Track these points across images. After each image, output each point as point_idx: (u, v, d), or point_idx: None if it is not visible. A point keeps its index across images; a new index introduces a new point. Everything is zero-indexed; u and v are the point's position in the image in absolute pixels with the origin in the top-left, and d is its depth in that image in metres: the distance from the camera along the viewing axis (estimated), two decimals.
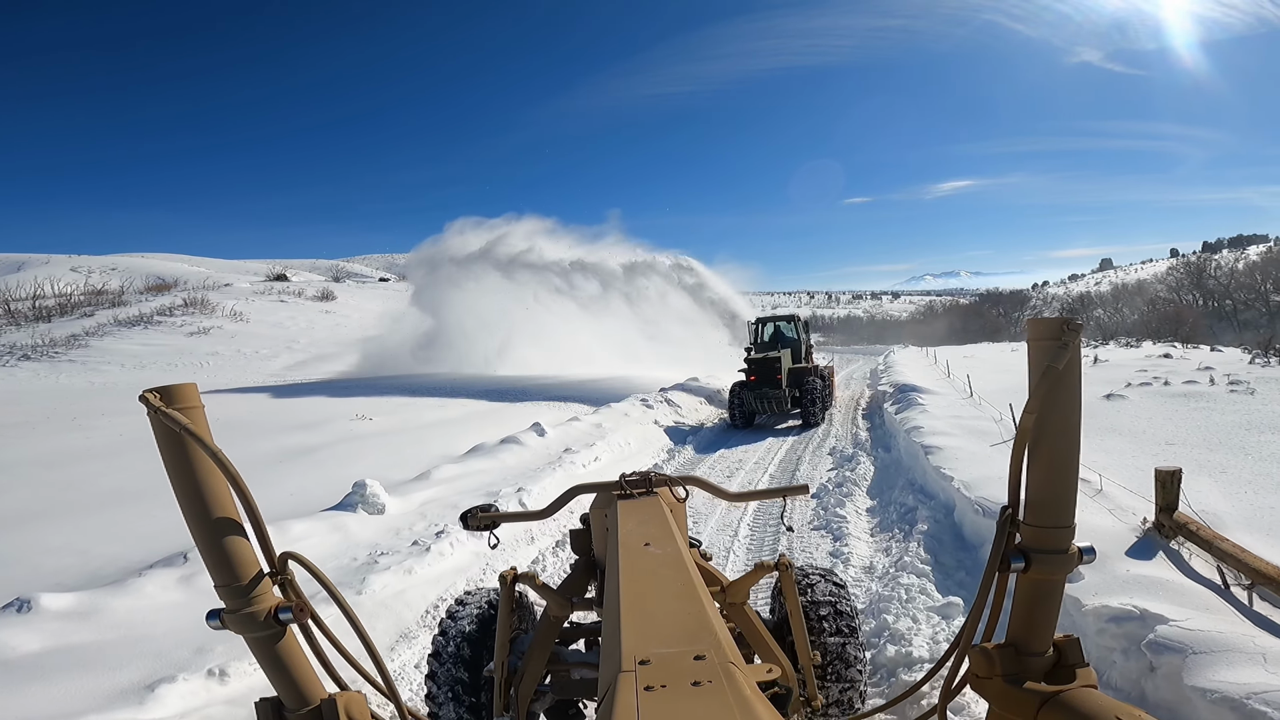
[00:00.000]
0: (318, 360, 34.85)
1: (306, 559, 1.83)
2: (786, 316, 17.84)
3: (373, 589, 5.34)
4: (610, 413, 13.43)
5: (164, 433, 1.66)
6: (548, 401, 17.80)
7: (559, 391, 19.57)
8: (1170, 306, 58.07)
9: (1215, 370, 15.05)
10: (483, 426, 13.20)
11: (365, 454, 10.57)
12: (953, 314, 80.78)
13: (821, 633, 3.17)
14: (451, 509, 7.46)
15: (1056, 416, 1.61)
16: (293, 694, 1.78)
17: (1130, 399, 11.30)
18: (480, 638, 3.23)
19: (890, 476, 9.25)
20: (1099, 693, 1.55)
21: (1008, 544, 1.70)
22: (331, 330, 42.41)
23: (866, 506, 8.23)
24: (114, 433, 13.77)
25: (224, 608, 1.73)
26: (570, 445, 10.63)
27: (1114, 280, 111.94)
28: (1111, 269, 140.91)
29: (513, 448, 10.29)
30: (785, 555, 3.08)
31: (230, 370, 32.05)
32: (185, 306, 42.19)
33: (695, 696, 1.14)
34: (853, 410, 16.44)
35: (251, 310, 43.14)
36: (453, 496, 7.87)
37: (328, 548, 6.31)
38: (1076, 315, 3.02)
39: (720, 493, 3.00)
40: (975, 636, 1.82)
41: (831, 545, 6.91)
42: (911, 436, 9.08)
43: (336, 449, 10.93)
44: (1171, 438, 8.45)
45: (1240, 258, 73.04)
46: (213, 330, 38.65)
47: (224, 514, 1.69)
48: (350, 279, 72.02)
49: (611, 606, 1.66)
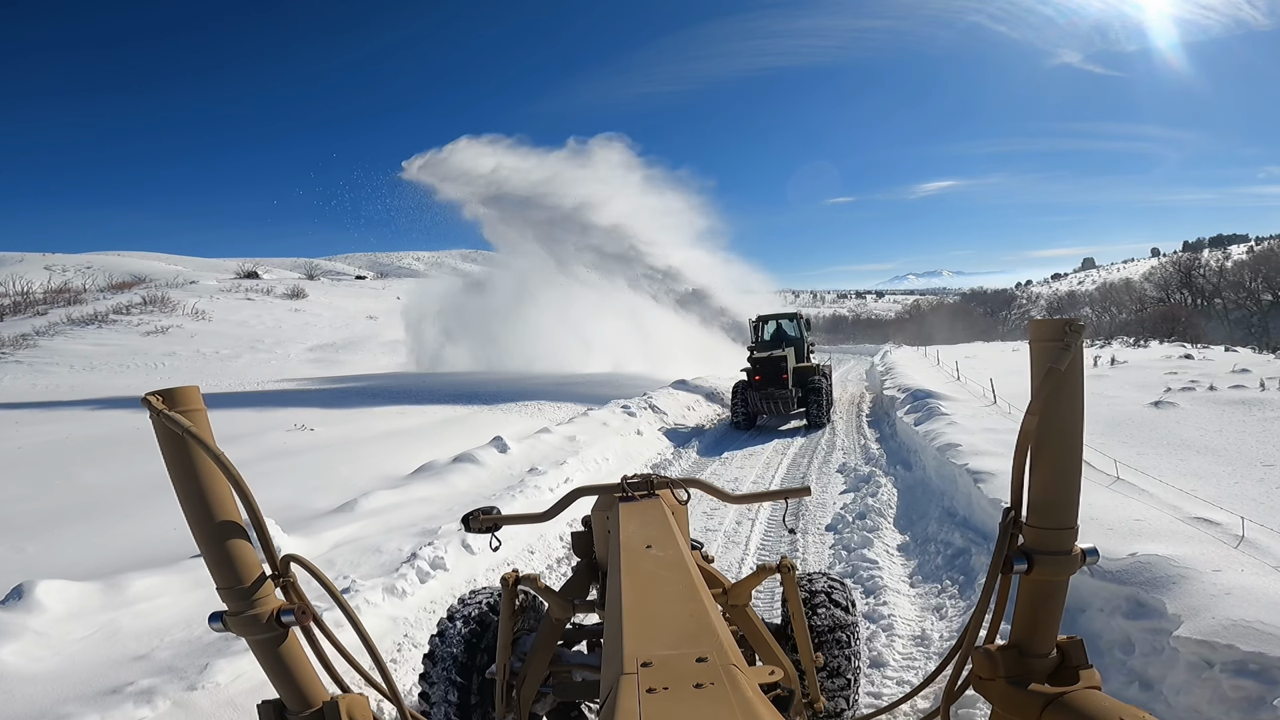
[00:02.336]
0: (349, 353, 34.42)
1: (309, 562, 1.77)
2: (789, 314, 17.07)
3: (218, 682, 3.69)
4: (587, 422, 11.78)
5: (166, 435, 1.61)
6: (534, 402, 16.31)
7: (553, 391, 18.30)
8: (1161, 305, 57.44)
9: (1252, 372, 13.76)
10: (443, 438, 11.55)
11: (286, 476, 8.87)
12: (940, 313, 79.79)
13: (823, 634, 3.22)
14: (371, 553, 5.84)
15: (1059, 418, 1.57)
16: (295, 696, 1.75)
17: (1182, 406, 9.86)
18: (479, 639, 3.21)
19: (919, 503, 7.72)
20: (1103, 694, 1.51)
21: (1010, 545, 1.65)
22: (300, 329, 40.49)
23: (897, 544, 6.69)
24: (13, 445, 11.98)
25: (226, 610, 1.68)
26: (536, 464, 8.98)
27: (1097, 279, 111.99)
28: (1094, 268, 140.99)
29: (467, 468, 8.63)
30: (787, 557, 3.04)
31: (186, 372, 30.20)
32: (144, 305, 40.32)
33: (697, 699, 1.13)
34: (854, 417, 14.94)
35: (214, 309, 41.19)
36: (376, 536, 6.21)
37: (179, 610, 4.67)
38: (1076, 316, 2.78)
39: (722, 495, 2.94)
40: (978, 638, 1.75)
41: (863, 603, 5.32)
42: (948, 457, 7.54)
43: (252, 469, 9.20)
44: (1266, 456, 6.98)
45: (1224, 257, 72.71)
46: (171, 330, 36.73)
47: (226, 516, 1.66)
48: (325, 276, 69.58)
49: (613, 608, 1.65)
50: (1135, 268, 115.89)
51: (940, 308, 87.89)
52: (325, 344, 37.41)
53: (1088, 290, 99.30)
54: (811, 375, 14.29)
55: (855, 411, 15.71)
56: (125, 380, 26.31)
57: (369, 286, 63.33)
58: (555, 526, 6.91)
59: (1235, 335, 48.09)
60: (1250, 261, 62.06)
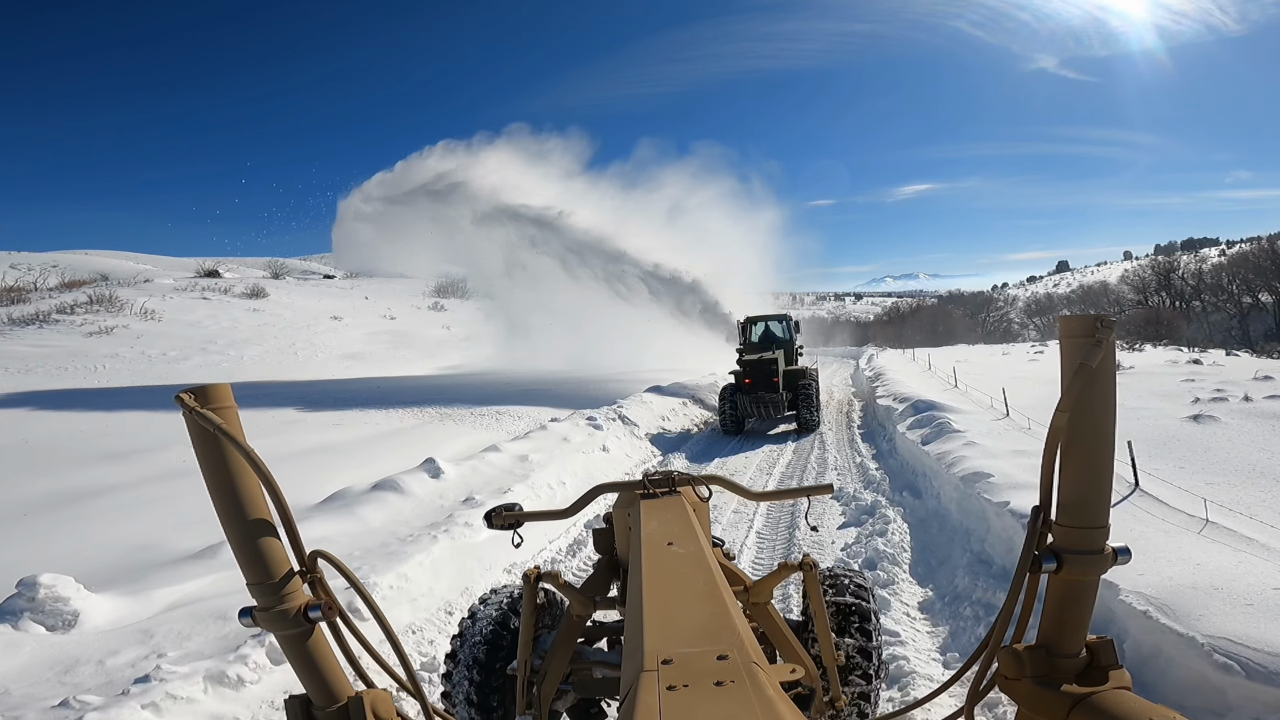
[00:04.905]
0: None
1: (336, 558, 1.71)
2: (778, 315, 16.60)
3: None
4: (544, 437, 10.23)
5: (198, 433, 1.60)
6: (504, 406, 14.78)
7: (534, 394, 16.97)
8: (1141, 308, 57.14)
9: (1275, 379, 12.63)
10: (376, 456, 9.96)
11: (161, 505, 7.22)
12: (920, 316, 79.02)
13: (844, 633, 3.17)
14: (212, 622, 4.33)
15: (1090, 415, 1.49)
16: (321, 691, 1.72)
17: (1225, 421, 8.58)
18: (500, 636, 3.23)
19: (936, 543, 6.31)
20: (1133, 695, 1.43)
21: (1039, 544, 1.57)
22: (257, 330, 38.35)
23: (919, 601, 5.28)
24: None
25: (255, 605, 1.66)
26: (475, 491, 7.43)
27: (1072, 282, 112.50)
28: (1069, 271, 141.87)
29: (387, 498, 7.07)
30: (809, 554, 2.95)
31: (128, 374, 28.06)
32: (90, 304, 38.00)
33: (718, 696, 1.12)
34: (844, 428, 13.57)
35: (166, 308, 38.84)
36: (233, 595, 4.63)
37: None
38: (1109, 313, 2.30)
39: (743, 492, 2.86)
40: (1004, 638, 1.64)
41: (884, 698, 3.88)
42: (977, 490, 6.13)
43: (124, 496, 7.58)
44: None
45: (1199, 260, 72.89)
46: (117, 330, 34.42)
47: (257, 514, 1.65)
48: (291, 275, 67.11)
49: (634, 605, 1.66)
50: (1109, 270, 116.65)
51: (920, 310, 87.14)
52: (283, 346, 35.45)
53: (1064, 293, 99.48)
54: (801, 378, 13.89)
55: (845, 422, 14.33)
56: (65, 382, 24.28)
57: (337, 286, 61.03)
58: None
59: (1215, 338, 47.75)
60: (1228, 265, 61.94)
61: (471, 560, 6.06)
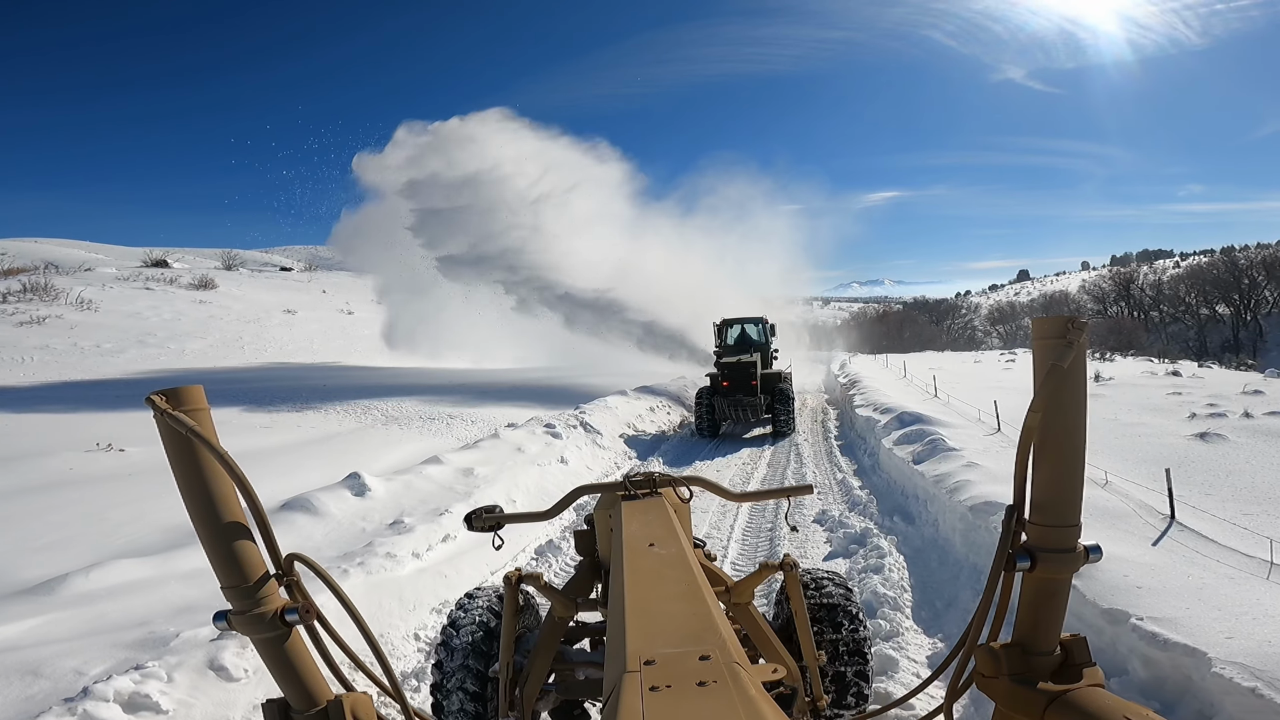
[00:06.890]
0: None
1: (313, 560, 1.68)
2: (754, 318, 16.20)
3: None
4: (495, 447, 9.17)
5: (170, 435, 1.56)
6: (460, 409, 13.71)
7: (501, 393, 16.17)
8: (1101, 317, 57.97)
9: (1266, 393, 12.20)
10: (303, 466, 8.83)
11: (30, 522, 6.03)
12: (887, 321, 79.31)
13: (825, 634, 3.14)
14: (20, 678, 3.21)
15: (1063, 415, 1.51)
16: (299, 695, 1.69)
17: (1233, 440, 7.95)
18: (483, 638, 3.13)
19: (939, 579, 5.47)
20: (1106, 692, 1.45)
21: (1013, 543, 1.58)
22: (203, 323, 36.43)
23: (927, 656, 4.42)
24: None
25: (230, 609, 1.63)
26: (405, 513, 6.35)
27: (1033, 291, 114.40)
28: (1030, 279, 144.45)
29: (296, 520, 5.99)
30: (789, 555, 2.94)
31: (57, 367, 26.13)
32: (24, 292, 35.75)
33: (701, 696, 1.12)
34: (821, 438, 12.76)
35: (104, 298, 36.70)
36: (56, 645, 3.50)
37: None
38: (1079, 314, 2.17)
39: (724, 492, 2.91)
40: (981, 636, 1.65)
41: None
42: (994, 525, 5.28)
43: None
44: None
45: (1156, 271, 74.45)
46: (49, 320, 32.28)
47: (231, 516, 1.60)
48: (245, 267, 64.53)
49: (616, 607, 1.66)
50: (1068, 280, 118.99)
51: (887, 316, 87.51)
52: (228, 340, 33.70)
53: (1025, 301, 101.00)
54: (778, 382, 13.75)
55: (821, 431, 13.53)
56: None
57: (293, 279, 58.79)
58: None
59: (1174, 349, 48.51)
60: (1185, 276, 63.30)
61: (391, 600, 5.03)
